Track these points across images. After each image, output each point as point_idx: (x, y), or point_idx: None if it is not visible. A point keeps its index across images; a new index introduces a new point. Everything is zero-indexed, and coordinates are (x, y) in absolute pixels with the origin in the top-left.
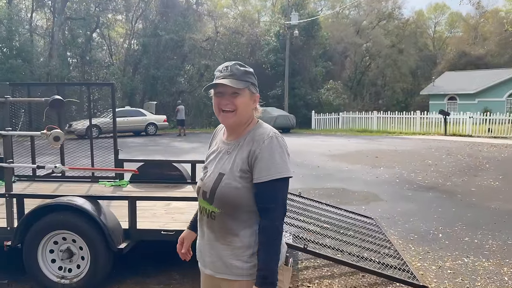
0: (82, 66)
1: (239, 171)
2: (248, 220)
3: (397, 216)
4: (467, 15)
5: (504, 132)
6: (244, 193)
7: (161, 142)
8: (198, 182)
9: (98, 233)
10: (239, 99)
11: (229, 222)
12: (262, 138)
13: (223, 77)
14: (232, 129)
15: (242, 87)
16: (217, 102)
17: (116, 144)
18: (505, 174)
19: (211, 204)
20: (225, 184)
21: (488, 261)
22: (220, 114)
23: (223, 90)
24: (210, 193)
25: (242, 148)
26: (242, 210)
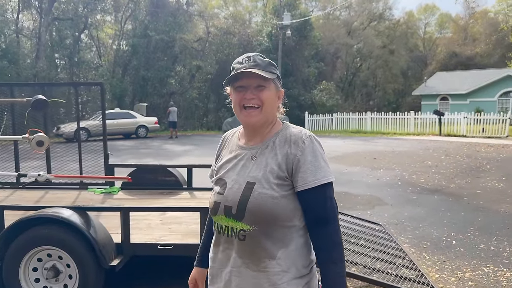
0: (71, 68)
1: (276, 178)
2: (283, 238)
3: (406, 221)
4: (457, 16)
5: (497, 132)
6: (283, 203)
7: (152, 145)
8: (213, 197)
9: (87, 249)
10: (265, 92)
11: (264, 241)
12: (301, 139)
13: (246, 67)
14: (254, 131)
15: (271, 78)
16: (240, 98)
17: (106, 148)
18: (508, 175)
19: (240, 220)
20: (258, 194)
21: (510, 271)
22: (242, 112)
23: (246, 83)
24: (238, 207)
25: (274, 152)
26: (279, 225)
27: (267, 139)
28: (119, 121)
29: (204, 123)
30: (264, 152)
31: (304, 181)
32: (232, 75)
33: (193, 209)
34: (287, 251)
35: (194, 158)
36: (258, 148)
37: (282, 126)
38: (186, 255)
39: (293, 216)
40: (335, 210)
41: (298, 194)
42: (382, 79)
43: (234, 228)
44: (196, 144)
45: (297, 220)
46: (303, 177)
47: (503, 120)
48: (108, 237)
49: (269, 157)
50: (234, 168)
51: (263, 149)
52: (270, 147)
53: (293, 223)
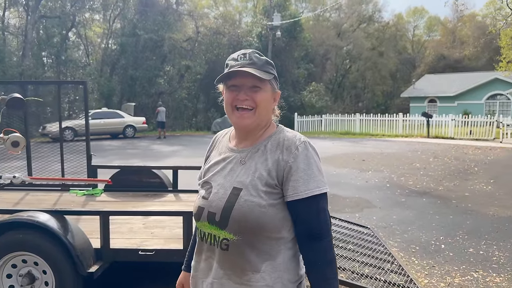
0: (58, 66)
1: (264, 185)
2: (270, 251)
3: (394, 224)
4: (445, 19)
5: (485, 134)
6: (270, 212)
7: (140, 145)
8: (197, 201)
9: (64, 254)
10: (260, 94)
11: (248, 252)
12: (294, 145)
13: (241, 66)
14: (246, 133)
15: (267, 78)
16: (232, 98)
17: (89, 148)
18: (496, 177)
19: (223, 229)
20: (244, 202)
21: (499, 276)
22: (233, 113)
23: (240, 83)
24: (222, 214)
25: (265, 156)
26: (265, 236)
27: (259, 142)
28: (106, 121)
29: (193, 123)
30: (254, 156)
31: (295, 190)
32: (225, 73)
33: (175, 213)
34: (273, 264)
35: (182, 159)
36: (248, 151)
37: (276, 129)
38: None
39: (281, 227)
40: (328, 223)
41: (288, 204)
42: (371, 81)
43: (217, 236)
44: (185, 145)
45: (285, 232)
46: (294, 186)
47: (490, 122)
48: (87, 242)
49: (258, 162)
50: (222, 171)
51: (253, 153)
52: (261, 151)
53: (281, 235)
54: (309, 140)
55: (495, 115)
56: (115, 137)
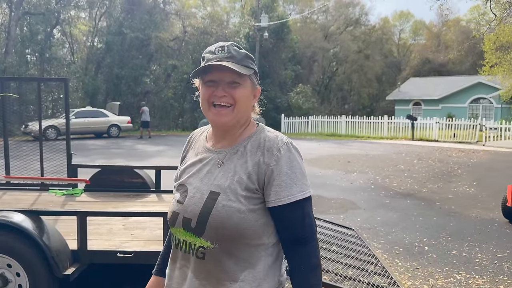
0: (41, 64)
1: (244, 189)
2: (249, 258)
3: (378, 226)
4: (430, 23)
5: (468, 137)
6: (250, 218)
7: (124, 144)
8: (172, 206)
9: (39, 256)
10: (239, 90)
11: (226, 261)
12: (275, 146)
13: (218, 59)
14: (224, 132)
15: (247, 74)
16: (209, 94)
17: (69, 147)
18: (478, 180)
19: (200, 236)
20: (222, 207)
21: (482, 278)
22: (210, 110)
23: (218, 78)
24: (198, 221)
25: (244, 158)
26: (245, 243)
27: (238, 142)
28: (90, 120)
29: (179, 123)
30: (233, 158)
31: (278, 196)
32: (202, 67)
33: (155, 214)
34: (253, 272)
35: (167, 159)
36: (226, 152)
37: (256, 128)
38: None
39: (262, 233)
40: (313, 228)
41: (271, 210)
42: (357, 84)
43: (192, 244)
44: (170, 145)
45: (266, 238)
46: (276, 191)
47: (473, 126)
48: (63, 244)
49: (238, 164)
50: (198, 173)
51: (232, 154)
52: (240, 153)
53: (261, 241)
54: (291, 140)
55: (478, 119)
56: (99, 136)
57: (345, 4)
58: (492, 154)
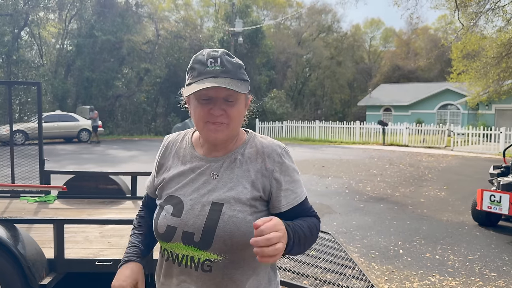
0: (8, 66)
1: (249, 198)
2: (252, 265)
3: (354, 230)
4: (400, 31)
5: (437, 142)
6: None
7: (95, 150)
8: (164, 220)
9: (14, 266)
10: (236, 108)
11: (234, 272)
12: (275, 152)
13: (214, 76)
14: (216, 144)
15: (243, 92)
16: (205, 113)
17: (42, 153)
18: (448, 184)
19: (205, 249)
20: (228, 218)
21: (454, 280)
22: (205, 126)
23: (214, 95)
24: (204, 234)
25: (245, 166)
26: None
27: (233, 150)
28: (60, 124)
29: (152, 128)
30: (232, 166)
31: (287, 199)
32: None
33: None
34: (257, 279)
35: (140, 165)
36: (222, 160)
37: (247, 135)
38: None
39: None
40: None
41: (281, 214)
42: (330, 89)
43: (195, 257)
44: (143, 150)
45: None
46: (286, 196)
47: (442, 131)
48: (39, 253)
49: (239, 173)
50: (192, 183)
51: (230, 163)
52: (239, 161)
53: None
54: (285, 145)
55: (447, 124)
56: (69, 141)
57: (318, 11)
58: (460, 159)
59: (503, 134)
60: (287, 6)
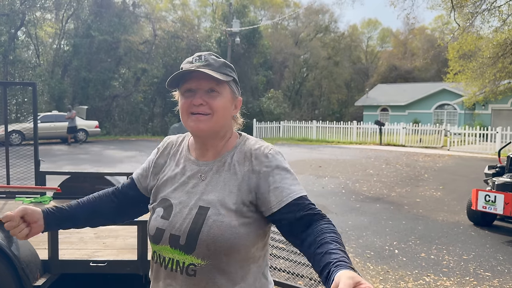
0: (5, 67)
1: (235, 203)
2: (240, 272)
3: (349, 230)
4: (397, 31)
5: (433, 142)
6: (243, 233)
7: (92, 150)
8: (154, 222)
9: (8, 267)
10: (218, 100)
11: (218, 278)
12: (263, 154)
13: (196, 68)
14: (205, 141)
15: (224, 80)
16: (188, 104)
17: (37, 153)
18: (444, 184)
19: (190, 253)
20: (213, 222)
21: (449, 280)
22: (189, 118)
23: (195, 86)
24: (188, 237)
25: (233, 170)
26: (236, 258)
27: (223, 154)
28: (56, 124)
29: (149, 128)
30: (221, 170)
31: (278, 198)
32: (177, 73)
33: (130, 223)
34: (244, 286)
35: (137, 165)
36: (212, 164)
37: (239, 139)
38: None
39: (252, 246)
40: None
41: (273, 216)
42: (327, 89)
43: (180, 261)
44: (140, 150)
45: (255, 250)
46: (276, 194)
47: (438, 131)
48: (33, 254)
49: (226, 176)
50: (182, 187)
51: (219, 167)
52: (228, 165)
53: (251, 254)
54: (275, 147)
55: (443, 124)
56: (65, 141)
57: (315, 11)
58: (456, 159)
59: (499, 134)
60: (284, 6)
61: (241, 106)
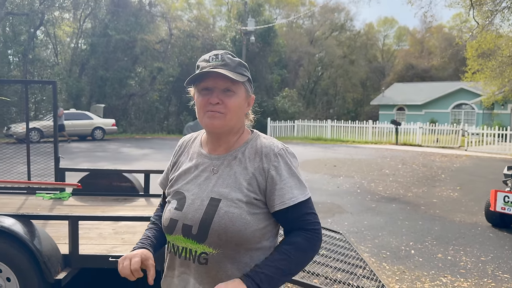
0: (24, 65)
1: (245, 195)
2: (249, 262)
3: (365, 230)
4: (414, 29)
5: (451, 142)
6: (252, 223)
7: (109, 147)
8: (168, 213)
9: (30, 261)
10: (233, 99)
11: (229, 266)
12: (273, 152)
13: (213, 67)
14: (219, 137)
15: (240, 80)
16: (204, 102)
17: (57, 150)
18: (462, 184)
19: (202, 242)
20: (224, 213)
21: (466, 281)
22: (204, 115)
23: (212, 85)
24: (200, 227)
25: (244, 165)
26: (246, 248)
27: (234, 149)
28: (74, 122)
29: (164, 126)
30: (232, 164)
31: (281, 199)
32: (196, 74)
33: (148, 218)
34: None
35: (153, 163)
36: (224, 158)
37: (251, 135)
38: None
39: (262, 237)
40: (317, 225)
41: (275, 213)
42: (342, 88)
43: (193, 250)
44: (155, 148)
45: (265, 241)
46: (280, 195)
47: (456, 131)
48: (55, 248)
49: (237, 170)
50: (195, 180)
51: (230, 161)
52: (239, 159)
53: (261, 245)
54: (287, 146)
55: (461, 124)
56: (83, 139)
57: (331, 9)
58: (474, 159)
59: None
60: (299, 5)
61: (254, 104)
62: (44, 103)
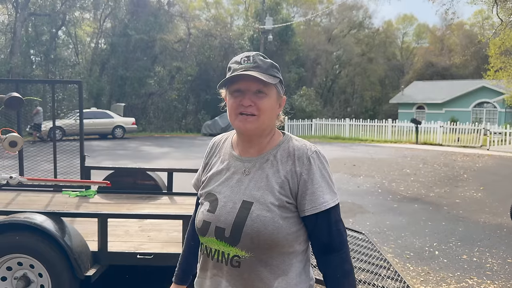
0: (46, 65)
1: (277, 199)
2: (282, 265)
3: (388, 230)
4: (434, 27)
5: (472, 141)
6: (284, 227)
7: (129, 146)
8: (201, 215)
9: (61, 257)
10: (265, 101)
11: (261, 270)
12: (305, 155)
13: (245, 69)
14: (250, 139)
15: (272, 82)
16: (237, 104)
17: (83, 149)
18: (485, 185)
19: (234, 245)
20: (256, 217)
21: (493, 283)
22: (236, 118)
23: (244, 87)
24: (233, 230)
25: (276, 168)
26: (278, 251)
27: (267, 151)
28: (95, 121)
29: (183, 125)
30: (264, 166)
31: (313, 204)
32: (228, 77)
33: (175, 216)
34: (286, 279)
35: (173, 161)
36: (255, 161)
37: (283, 137)
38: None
39: (294, 241)
40: (343, 234)
41: (305, 218)
42: (360, 87)
43: (225, 253)
44: (174, 147)
45: (298, 245)
46: (311, 199)
47: (477, 130)
48: (84, 245)
49: (270, 173)
50: (227, 182)
51: (262, 163)
52: (271, 162)
53: (293, 249)
54: (319, 148)
55: (482, 123)
56: (104, 137)
57: (349, 7)
58: (497, 159)
59: None
60: (317, 3)
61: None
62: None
